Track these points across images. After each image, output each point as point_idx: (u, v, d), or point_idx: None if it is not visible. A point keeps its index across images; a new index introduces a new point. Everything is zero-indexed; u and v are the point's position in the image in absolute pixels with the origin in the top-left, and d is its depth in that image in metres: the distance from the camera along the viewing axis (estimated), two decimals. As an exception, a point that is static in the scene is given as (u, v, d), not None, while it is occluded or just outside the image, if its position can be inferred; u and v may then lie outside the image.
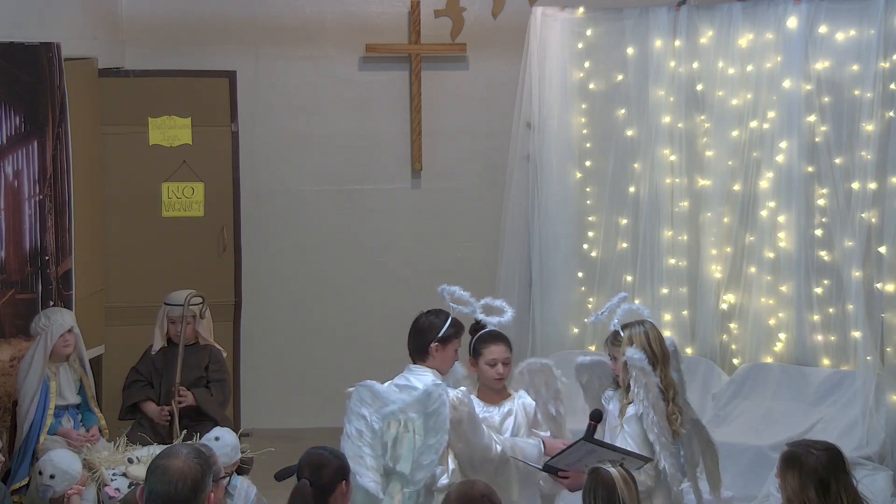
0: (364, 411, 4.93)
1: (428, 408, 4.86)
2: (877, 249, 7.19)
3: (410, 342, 5.23)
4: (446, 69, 8.69)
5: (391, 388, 5.06)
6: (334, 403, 8.66)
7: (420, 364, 5.16)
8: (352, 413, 4.94)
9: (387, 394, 4.98)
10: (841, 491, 4.35)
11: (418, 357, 5.19)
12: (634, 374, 5.00)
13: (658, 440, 4.98)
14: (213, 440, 5.72)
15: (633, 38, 7.95)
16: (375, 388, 5.00)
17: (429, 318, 5.25)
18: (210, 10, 8.54)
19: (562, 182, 8.14)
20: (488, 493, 4.13)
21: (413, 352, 5.21)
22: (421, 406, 4.89)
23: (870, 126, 7.20)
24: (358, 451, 4.85)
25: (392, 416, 4.92)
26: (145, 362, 7.14)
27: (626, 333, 5.19)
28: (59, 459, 5.76)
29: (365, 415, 4.92)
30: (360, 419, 4.92)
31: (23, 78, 6.62)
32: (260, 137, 8.61)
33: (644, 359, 5.02)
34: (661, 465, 4.99)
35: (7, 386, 6.47)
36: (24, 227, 6.65)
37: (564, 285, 8.16)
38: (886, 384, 7.15)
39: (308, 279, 8.76)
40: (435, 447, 4.81)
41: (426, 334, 5.18)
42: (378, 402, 4.95)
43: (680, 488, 5.16)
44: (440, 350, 5.16)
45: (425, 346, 5.16)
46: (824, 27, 7.35)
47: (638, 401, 5.00)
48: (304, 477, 4.30)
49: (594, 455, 4.84)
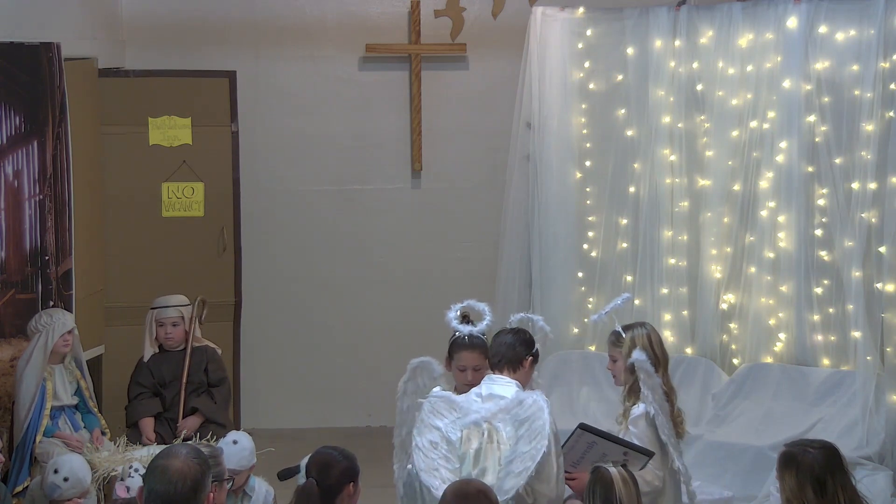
0: (439, 423, 4.70)
1: (519, 415, 4.68)
2: (877, 249, 7.19)
3: (507, 351, 5.02)
4: (446, 69, 8.69)
5: (471, 398, 4.84)
6: (334, 403, 8.77)
7: (507, 374, 4.98)
8: (423, 424, 4.71)
9: (467, 403, 4.78)
10: (838, 489, 4.36)
11: (509, 367, 4.99)
12: (642, 376, 4.99)
13: (670, 440, 4.98)
14: (231, 443, 5.68)
15: (633, 38, 7.95)
16: (452, 398, 4.80)
17: (521, 333, 5.11)
18: (210, 10, 8.54)
19: (562, 182, 8.14)
20: (484, 489, 4.15)
21: (506, 361, 5.00)
22: (510, 413, 4.71)
23: (870, 126, 7.20)
24: (432, 463, 4.62)
25: (474, 426, 4.70)
26: (143, 373, 7.04)
27: (628, 335, 5.18)
28: (77, 466, 5.72)
29: (440, 426, 4.70)
30: (434, 430, 4.69)
31: (23, 78, 6.62)
32: (260, 137, 8.61)
33: (647, 361, 5.02)
34: (675, 465, 4.98)
35: (7, 386, 6.47)
36: (24, 227, 6.65)
37: (564, 285, 8.16)
38: (886, 384, 7.14)
39: (308, 279, 8.76)
40: (530, 454, 4.56)
41: (526, 347, 5.06)
42: (456, 412, 4.74)
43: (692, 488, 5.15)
44: (530, 365, 5.06)
45: (522, 358, 5.02)
46: (824, 27, 7.35)
47: (648, 402, 4.99)
48: (311, 476, 4.29)
49: (596, 449, 4.84)
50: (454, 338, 5.38)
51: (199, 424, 6.92)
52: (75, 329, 6.56)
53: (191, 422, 6.91)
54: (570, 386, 7.90)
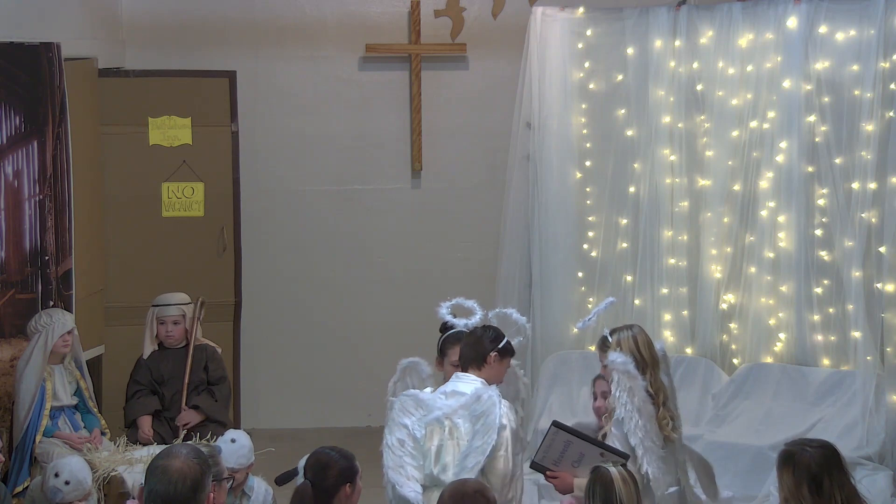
0: (406, 421, 4.85)
1: (476, 410, 4.79)
2: (877, 249, 7.19)
3: (467, 350, 5.13)
4: (446, 69, 8.69)
5: (437, 395, 4.98)
6: (334, 403, 8.77)
7: (472, 373, 5.08)
8: (393, 423, 4.86)
9: (432, 401, 4.91)
10: (835, 489, 4.36)
11: (473, 365, 5.09)
12: (617, 377, 4.99)
13: (642, 444, 4.96)
14: (230, 442, 5.69)
15: (633, 38, 7.95)
16: (420, 396, 4.93)
17: (487, 330, 5.19)
18: (210, 10, 8.54)
19: (562, 182, 8.14)
20: (481, 488, 4.19)
21: (469, 360, 5.11)
22: (469, 409, 4.82)
23: (870, 126, 7.20)
24: (399, 460, 4.78)
25: (436, 423, 4.84)
26: (141, 371, 7.06)
27: (613, 338, 5.19)
28: (77, 469, 5.73)
29: (407, 424, 4.84)
30: (402, 428, 4.84)
31: (23, 78, 6.62)
32: (260, 137, 8.61)
33: (628, 362, 5.01)
34: (643, 470, 4.94)
35: (7, 386, 6.47)
36: (24, 227, 6.65)
37: (564, 285, 8.15)
38: (886, 384, 7.14)
39: (308, 279, 8.76)
40: (482, 449, 4.73)
41: (486, 344, 5.12)
42: (422, 409, 4.88)
43: (667, 492, 5.13)
44: (497, 361, 5.11)
45: (485, 354, 5.09)
46: (824, 27, 7.35)
47: (620, 405, 4.99)
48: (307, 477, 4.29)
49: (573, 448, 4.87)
50: (445, 335, 5.41)
51: (198, 420, 6.93)
52: (75, 329, 6.56)
53: (190, 415, 6.91)
54: (570, 386, 7.90)
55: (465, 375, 5.07)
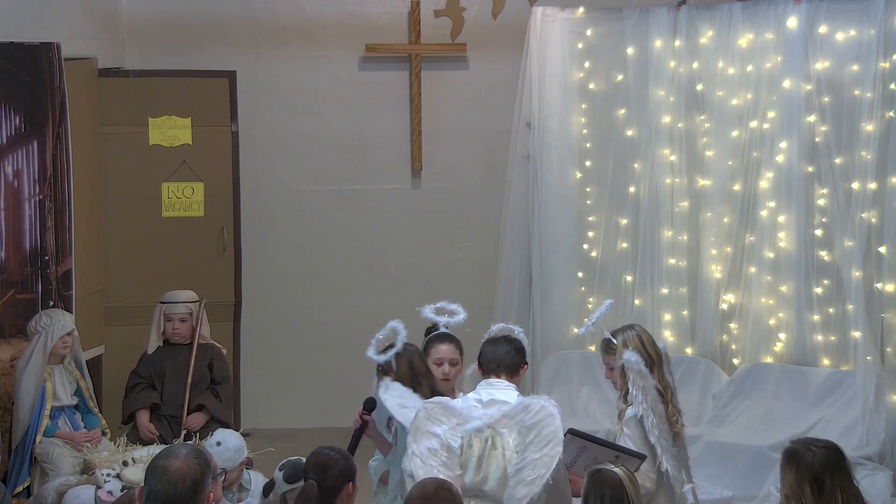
0: (437, 429, 4.61)
1: (526, 421, 4.58)
2: (877, 249, 7.19)
3: (508, 357, 4.95)
4: (446, 69, 8.69)
5: (471, 403, 4.74)
6: (334, 403, 8.75)
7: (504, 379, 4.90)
8: (419, 431, 4.62)
9: (466, 409, 4.68)
10: (836, 489, 4.35)
11: (508, 372, 4.92)
12: (632, 376, 4.99)
13: (659, 442, 4.97)
14: (215, 445, 5.67)
15: (633, 38, 7.95)
16: (448, 403, 4.72)
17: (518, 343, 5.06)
18: (210, 10, 8.54)
19: (562, 182, 8.14)
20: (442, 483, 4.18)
21: (506, 366, 4.92)
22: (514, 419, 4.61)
23: (870, 126, 7.20)
24: (431, 470, 4.51)
25: (477, 433, 4.61)
26: (144, 365, 7.13)
27: (619, 339, 5.18)
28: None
29: (438, 433, 4.60)
30: (432, 437, 4.60)
31: (23, 78, 6.62)
32: (260, 137, 8.61)
33: (641, 361, 5.01)
34: (663, 468, 4.94)
35: (7, 386, 6.47)
36: (24, 227, 6.65)
37: (564, 285, 8.15)
38: (886, 384, 7.14)
39: (308, 279, 8.76)
40: (542, 461, 4.47)
41: (523, 355, 5.02)
42: (455, 418, 4.66)
43: (683, 490, 5.14)
44: (524, 371, 5.03)
45: (519, 364, 4.97)
46: (824, 27, 7.35)
47: (637, 403, 4.98)
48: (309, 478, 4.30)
49: (587, 453, 4.83)
50: (430, 334, 5.41)
51: (204, 422, 6.94)
52: (75, 330, 6.56)
53: (197, 419, 6.93)
54: (570, 386, 7.90)
55: (497, 382, 4.87)
